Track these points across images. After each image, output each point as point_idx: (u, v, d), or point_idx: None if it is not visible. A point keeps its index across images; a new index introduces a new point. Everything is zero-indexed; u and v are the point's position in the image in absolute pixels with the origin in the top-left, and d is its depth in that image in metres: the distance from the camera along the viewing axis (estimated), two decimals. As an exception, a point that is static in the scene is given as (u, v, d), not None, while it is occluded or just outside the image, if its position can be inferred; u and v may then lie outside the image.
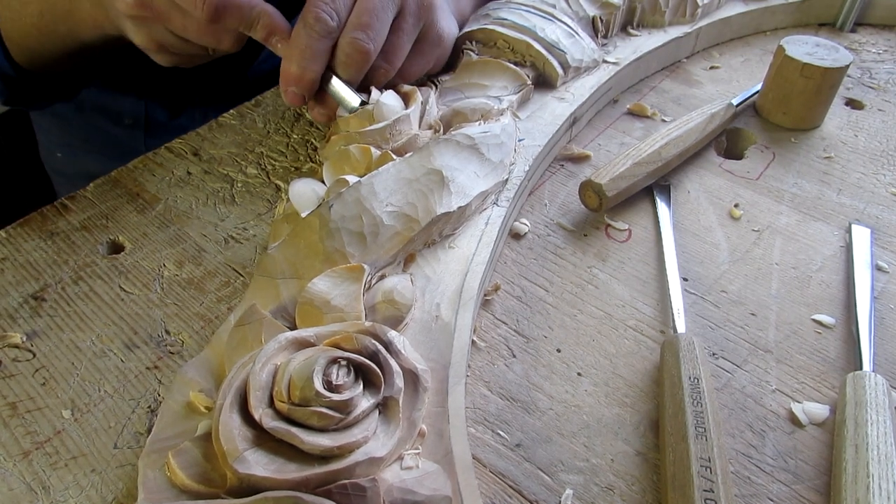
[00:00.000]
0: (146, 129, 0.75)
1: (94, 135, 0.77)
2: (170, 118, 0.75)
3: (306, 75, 0.46)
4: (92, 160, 0.80)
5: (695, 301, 0.44)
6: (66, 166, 0.82)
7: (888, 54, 0.71)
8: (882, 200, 0.53)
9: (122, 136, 0.76)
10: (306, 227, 0.39)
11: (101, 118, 0.75)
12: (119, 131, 0.76)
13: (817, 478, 0.35)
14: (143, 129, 0.75)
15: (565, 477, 0.35)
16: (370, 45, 0.46)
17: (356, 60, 0.46)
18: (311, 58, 0.46)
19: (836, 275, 0.47)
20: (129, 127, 0.75)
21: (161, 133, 0.76)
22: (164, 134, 0.76)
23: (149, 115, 0.74)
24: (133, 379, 0.38)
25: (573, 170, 0.55)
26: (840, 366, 0.41)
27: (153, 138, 0.76)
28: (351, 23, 0.46)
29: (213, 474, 0.30)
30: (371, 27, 0.46)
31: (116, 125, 0.75)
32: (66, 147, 0.81)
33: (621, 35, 0.66)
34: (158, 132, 0.76)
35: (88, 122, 0.76)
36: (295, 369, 0.31)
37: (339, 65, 0.47)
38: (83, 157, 0.80)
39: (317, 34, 0.45)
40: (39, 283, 0.43)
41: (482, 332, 0.42)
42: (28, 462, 0.34)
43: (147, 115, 0.74)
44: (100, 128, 0.76)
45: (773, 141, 0.59)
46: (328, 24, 0.45)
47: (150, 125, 0.75)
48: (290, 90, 0.47)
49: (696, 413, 0.34)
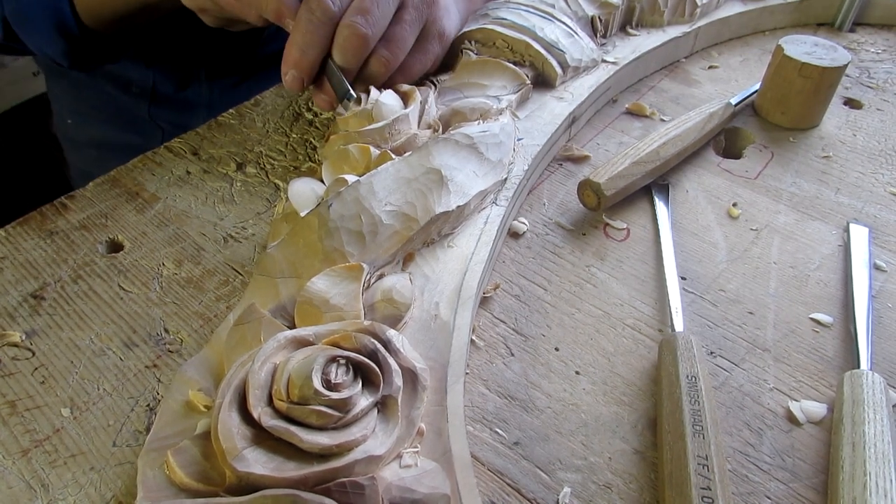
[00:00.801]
0: (152, 98, 0.76)
1: (103, 102, 0.79)
2: (176, 91, 0.76)
3: (305, 59, 0.46)
4: (99, 127, 0.82)
5: (693, 300, 0.44)
6: (77, 133, 0.84)
7: (886, 54, 0.71)
8: (880, 199, 0.53)
9: (128, 104, 0.77)
10: (305, 227, 0.40)
11: (110, 85, 0.77)
12: (126, 99, 0.77)
13: (815, 476, 0.35)
14: (149, 99, 0.76)
15: (563, 475, 0.35)
16: (368, 31, 0.46)
17: (353, 45, 0.46)
18: (310, 42, 0.46)
19: (834, 274, 0.47)
20: (135, 95, 0.77)
21: (165, 104, 0.77)
22: (168, 105, 0.77)
23: (156, 86, 0.76)
24: (132, 377, 0.38)
25: (572, 169, 0.55)
26: (838, 364, 0.41)
27: (158, 108, 0.77)
28: (351, 8, 0.46)
29: (212, 473, 0.30)
30: (370, 13, 0.46)
31: (125, 93, 0.77)
32: (76, 114, 0.83)
33: (620, 35, 0.66)
34: (163, 103, 0.77)
35: (99, 89, 0.78)
36: (294, 368, 0.31)
37: (337, 48, 0.47)
38: (92, 124, 0.82)
39: (317, 18, 0.46)
40: (39, 282, 0.43)
41: (481, 330, 0.42)
42: (27, 460, 0.34)
43: (154, 86, 0.76)
44: (109, 95, 0.78)
45: (771, 140, 0.59)
46: (329, 8, 0.45)
47: (155, 95, 0.76)
48: (289, 73, 0.47)
49: (693, 411, 0.35)
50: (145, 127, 0.79)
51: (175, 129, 0.61)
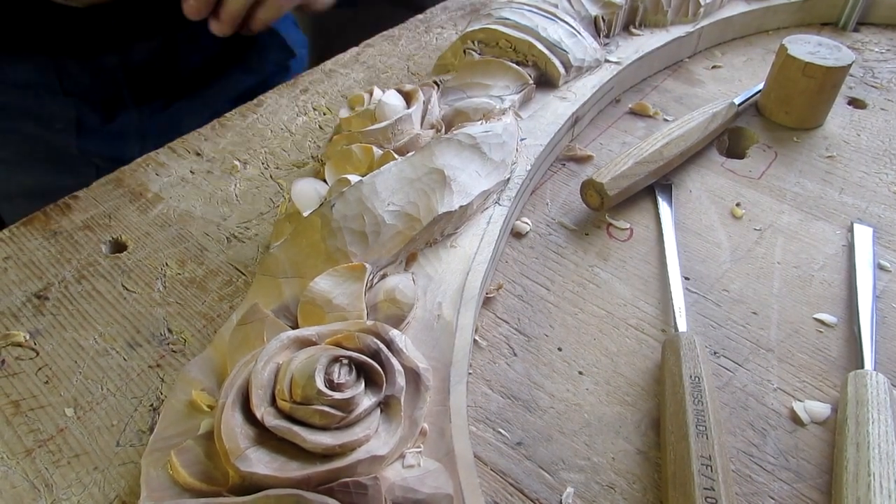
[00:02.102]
0: (78, 131, 0.73)
1: (29, 145, 0.74)
2: (103, 121, 0.73)
3: None
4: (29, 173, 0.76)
5: (696, 300, 0.44)
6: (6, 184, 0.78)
7: (891, 53, 0.71)
8: (884, 199, 0.53)
9: (54, 142, 0.73)
10: (308, 227, 0.40)
11: (32, 124, 0.73)
12: (51, 136, 0.73)
13: (819, 476, 0.35)
14: (76, 133, 0.73)
15: (566, 475, 0.35)
16: None
17: None
18: None
19: (837, 274, 0.46)
20: (60, 131, 0.73)
21: (95, 136, 0.74)
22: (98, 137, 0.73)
23: (81, 117, 0.72)
24: (135, 377, 0.38)
25: (575, 169, 0.55)
26: (841, 364, 0.41)
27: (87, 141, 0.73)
28: None
29: (215, 473, 0.30)
30: None
31: (48, 130, 0.73)
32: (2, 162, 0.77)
33: (623, 34, 0.66)
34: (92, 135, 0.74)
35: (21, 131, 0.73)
36: (297, 368, 0.31)
37: None
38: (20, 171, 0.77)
39: None
40: (42, 282, 0.43)
41: (483, 330, 0.42)
42: (31, 460, 0.34)
43: (79, 118, 0.72)
44: (33, 135, 0.73)
45: (775, 140, 0.59)
46: None
47: (81, 127, 0.73)
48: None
49: (697, 412, 0.34)
50: (77, 165, 0.74)
51: (109, 163, 0.57)
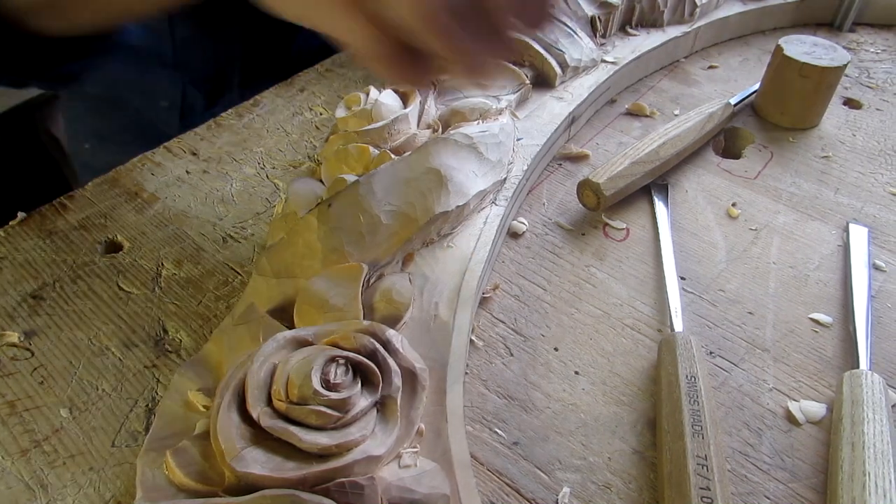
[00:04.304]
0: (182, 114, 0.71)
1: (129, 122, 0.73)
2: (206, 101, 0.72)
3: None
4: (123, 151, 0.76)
5: (692, 300, 0.44)
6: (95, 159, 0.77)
7: (886, 54, 0.71)
8: (880, 200, 0.53)
9: (156, 122, 0.72)
10: (305, 227, 0.39)
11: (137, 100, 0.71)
12: (153, 116, 0.72)
13: (814, 476, 0.35)
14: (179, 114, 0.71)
15: (562, 475, 0.35)
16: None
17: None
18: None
19: (833, 274, 0.47)
20: (165, 110, 0.72)
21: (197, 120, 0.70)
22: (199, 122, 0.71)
23: (185, 99, 0.71)
24: (131, 377, 0.38)
25: (571, 169, 0.55)
26: (837, 364, 0.41)
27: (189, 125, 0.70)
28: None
29: (211, 473, 0.30)
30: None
31: (152, 109, 0.72)
32: (96, 138, 0.76)
33: (620, 35, 0.66)
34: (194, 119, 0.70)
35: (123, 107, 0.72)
36: (293, 368, 0.31)
37: None
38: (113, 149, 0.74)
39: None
40: (38, 282, 0.43)
41: (480, 330, 0.42)
42: (26, 460, 0.34)
43: (184, 99, 0.71)
44: (135, 112, 0.72)
45: (771, 140, 0.59)
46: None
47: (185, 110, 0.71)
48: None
49: (692, 411, 0.35)
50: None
51: None
